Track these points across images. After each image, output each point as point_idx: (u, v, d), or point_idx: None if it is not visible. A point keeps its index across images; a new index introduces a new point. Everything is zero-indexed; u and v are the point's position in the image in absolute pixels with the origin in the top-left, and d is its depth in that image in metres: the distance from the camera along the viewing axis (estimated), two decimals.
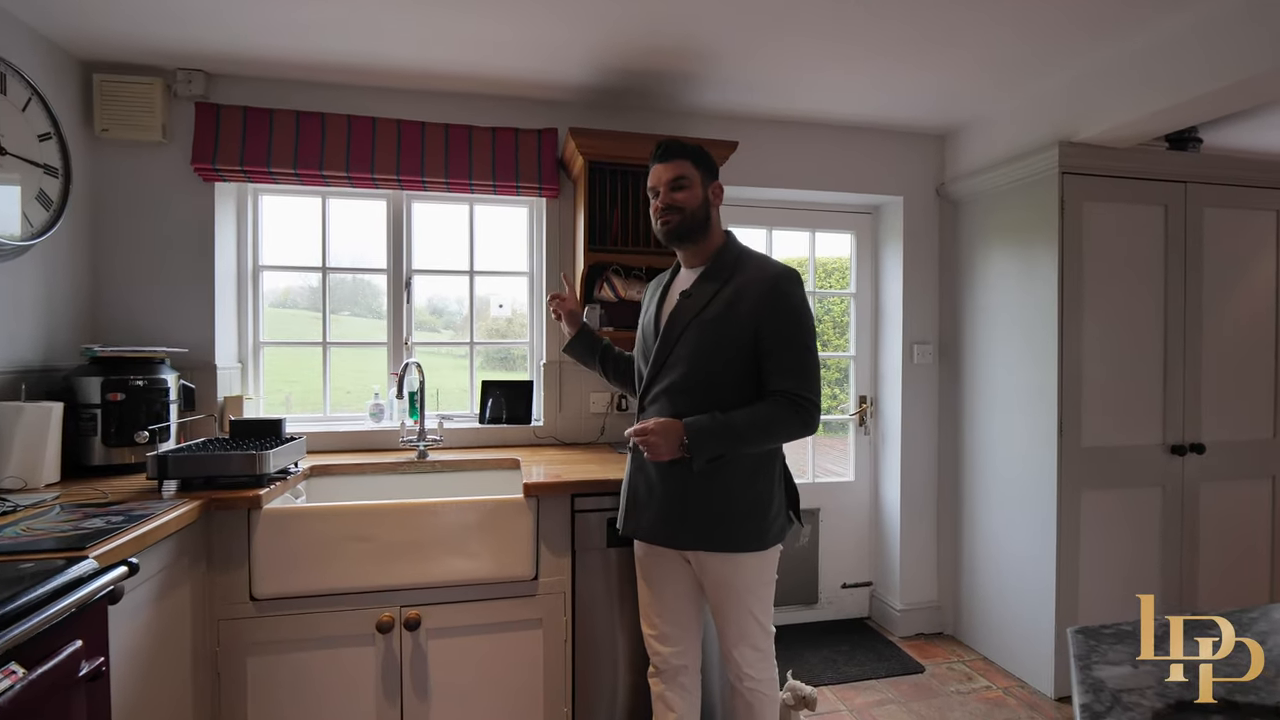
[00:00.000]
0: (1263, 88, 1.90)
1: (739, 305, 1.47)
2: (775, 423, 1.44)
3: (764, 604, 1.57)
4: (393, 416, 2.51)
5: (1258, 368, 2.64)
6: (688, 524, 1.50)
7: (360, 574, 1.73)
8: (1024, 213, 2.54)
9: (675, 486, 1.50)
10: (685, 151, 1.55)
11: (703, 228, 1.56)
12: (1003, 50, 2.15)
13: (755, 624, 1.56)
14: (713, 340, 1.48)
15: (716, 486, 1.48)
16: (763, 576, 1.55)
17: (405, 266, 2.56)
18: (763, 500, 1.50)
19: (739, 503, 1.49)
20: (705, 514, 1.48)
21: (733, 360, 1.48)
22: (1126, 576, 2.48)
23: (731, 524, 1.48)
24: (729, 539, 1.49)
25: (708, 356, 1.48)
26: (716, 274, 1.54)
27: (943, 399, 3.00)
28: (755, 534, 1.50)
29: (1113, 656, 1.00)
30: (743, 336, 1.47)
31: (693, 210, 1.53)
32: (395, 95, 2.40)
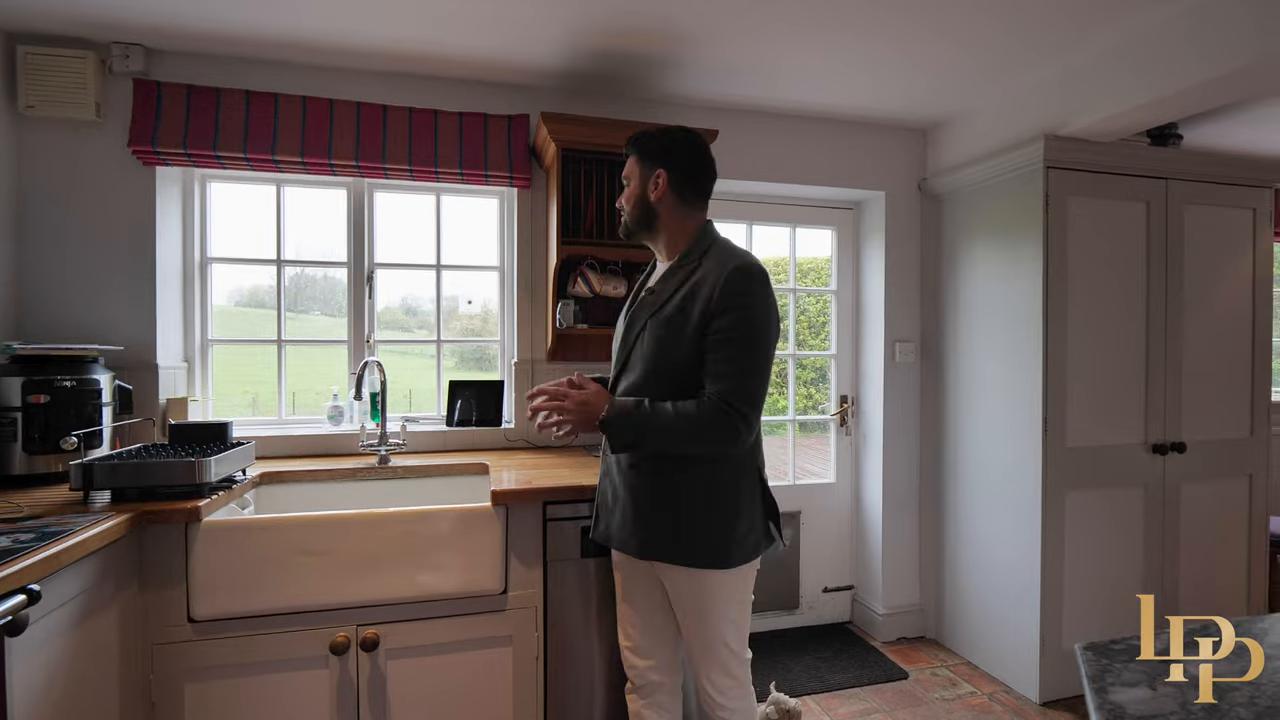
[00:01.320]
0: (1243, 82, 1.87)
1: (693, 301, 1.36)
2: (698, 427, 1.30)
3: (736, 627, 1.44)
4: (353, 419, 2.36)
5: (1235, 367, 2.63)
6: (649, 533, 1.39)
7: (312, 591, 1.58)
8: (1008, 208, 2.50)
9: (638, 492, 1.41)
10: (630, 143, 1.50)
11: (650, 222, 1.47)
12: (988, 42, 2.09)
13: (725, 648, 1.43)
14: (668, 338, 1.37)
15: (681, 494, 1.37)
16: (733, 596, 1.42)
17: (367, 260, 2.41)
18: (730, 513, 1.37)
19: (704, 514, 1.36)
20: (666, 523, 1.38)
21: (686, 360, 1.36)
22: (1110, 578, 2.45)
23: (694, 537, 1.36)
24: (691, 553, 1.37)
25: (663, 355, 1.38)
26: (681, 268, 1.43)
27: (925, 398, 2.95)
28: (719, 550, 1.36)
29: (1128, 677, 0.92)
30: (695, 334, 1.34)
31: (630, 209, 1.49)
32: (354, 76, 2.26)
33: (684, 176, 1.45)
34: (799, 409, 3.08)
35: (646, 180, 1.46)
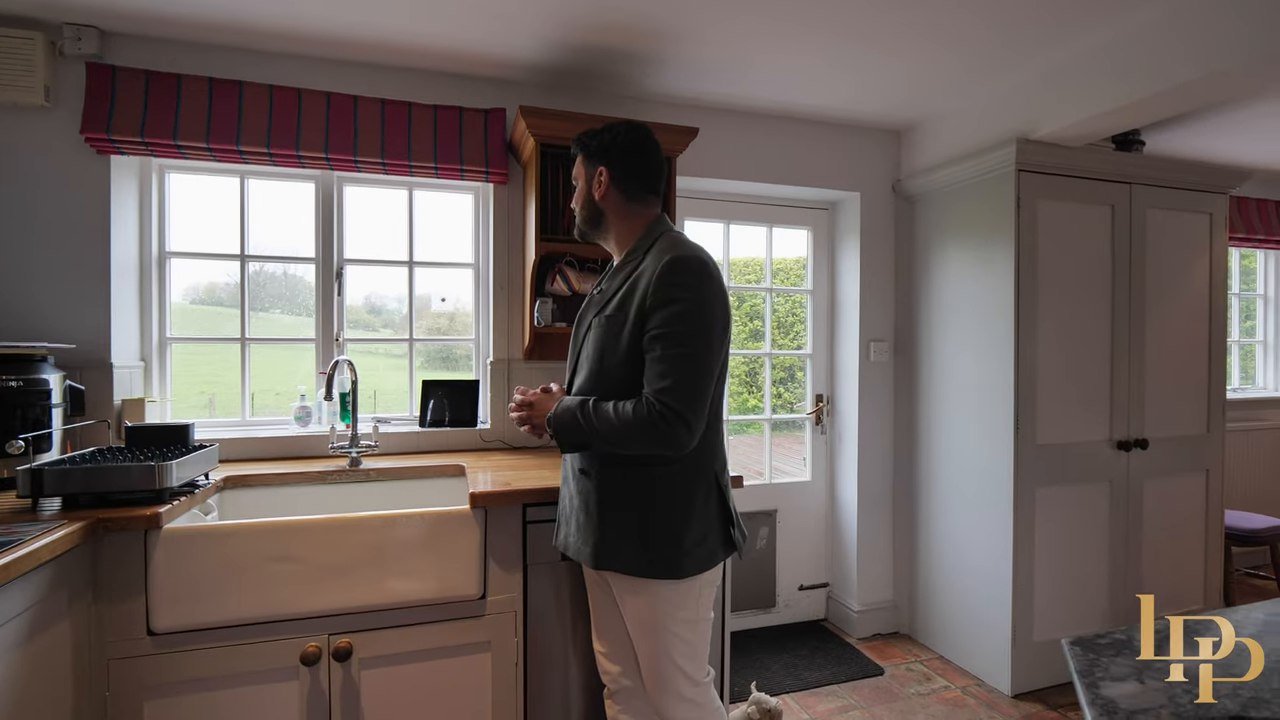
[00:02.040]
0: (1196, 92, 1.94)
1: (631, 297, 1.32)
2: (635, 429, 1.24)
3: (687, 646, 1.36)
4: (321, 420, 2.28)
5: (1193, 366, 2.73)
6: (599, 541, 1.35)
7: (281, 600, 1.52)
8: (980, 210, 2.54)
9: (588, 499, 1.38)
10: (575, 143, 1.48)
11: (598, 222, 1.45)
12: (963, 46, 2.12)
13: (675, 669, 1.36)
14: (609, 337, 1.34)
15: (629, 501, 1.33)
16: (681, 612, 1.34)
17: (336, 255, 2.34)
18: (680, 520, 1.31)
19: (653, 521, 1.31)
20: (615, 531, 1.33)
21: (627, 359, 1.31)
22: (1077, 571, 2.51)
23: (642, 545, 1.31)
24: (637, 562, 1.31)
25: (605, 355, 1.35)
26: (626, 264, 1.41)
27: (898, 397, 2.99)
28: (669, 560, 1.30)
29: (1116, 671, 0.93)
30: (634, 332, 1.30)
31: (579, 211, 1.48)
32: (324, 65, 2.18)
33: (626, 172, 1.42)
34: (773, 408, 3.09)
35: (591, 179, 1.44)
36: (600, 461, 1.36)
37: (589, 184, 1.44)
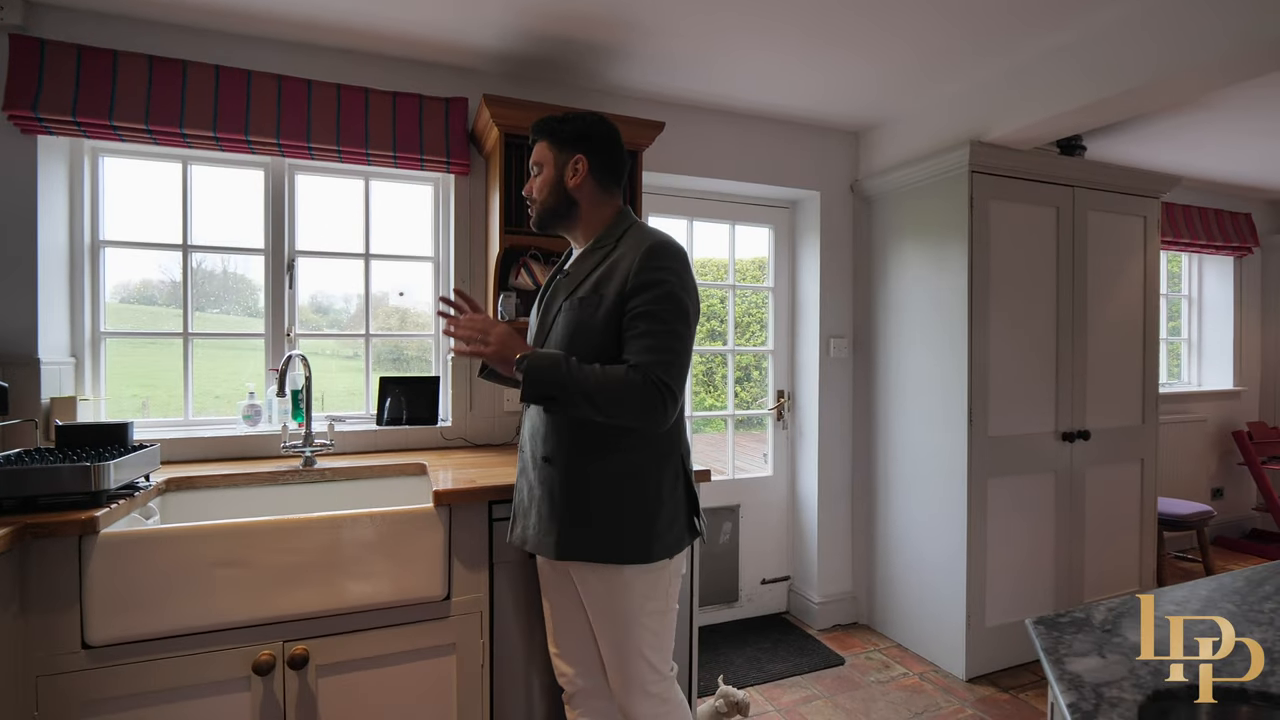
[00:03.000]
0: (1140, 99, 2.04)
1: (609, 280, 1.32)
2: (621, 393, 1.23)
3: (655, 638, 1.36)
4: (272, 419, 2.18)
5: (1129, 361, 2.88)
6: (565, 531, 1.32)
7: (231, 607, 1.44)
8: (935, 210, 2.62)
9: (553, 488, 1.35)
10: (539, 129, 1.43)
11: (568, 211, 1.42)
12: (918, 49, 2.17)
13: (642, 662, 1.35)
14: (584, 320, 1.33)
15: (600, 485, 1.32)
16: (650, 602, 1.35)
17: (287, 247, 2.23)
18: (653, 503, 1.33)
19: (624, 505, 1.31)
20: (583, 519, 1.32)
21: (602, 342, 1.31)
22: (1026, 558, 2.62)
23: (613, 531, 1.31)
24: (608, 548, 1.31)
25: (580, 338, 1.33)
26: (597, 250, 1.40)
27: (857, 392, 3.05)
28: (640, 544, 1.31)
29: (1079, 647, 0.96)
30: (612, 314, 1.30)
31: (545, 197, 1.42)
32: (275, 46, 2.08)
33: (603, 162, 1.42)
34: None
35: (564, 166, 1.40)
36: (567, 448, 1.34)
37: (560, 171, 1.40)
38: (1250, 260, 4.26)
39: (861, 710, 2.27)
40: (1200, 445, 4.05)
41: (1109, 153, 3.20)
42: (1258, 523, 4.24)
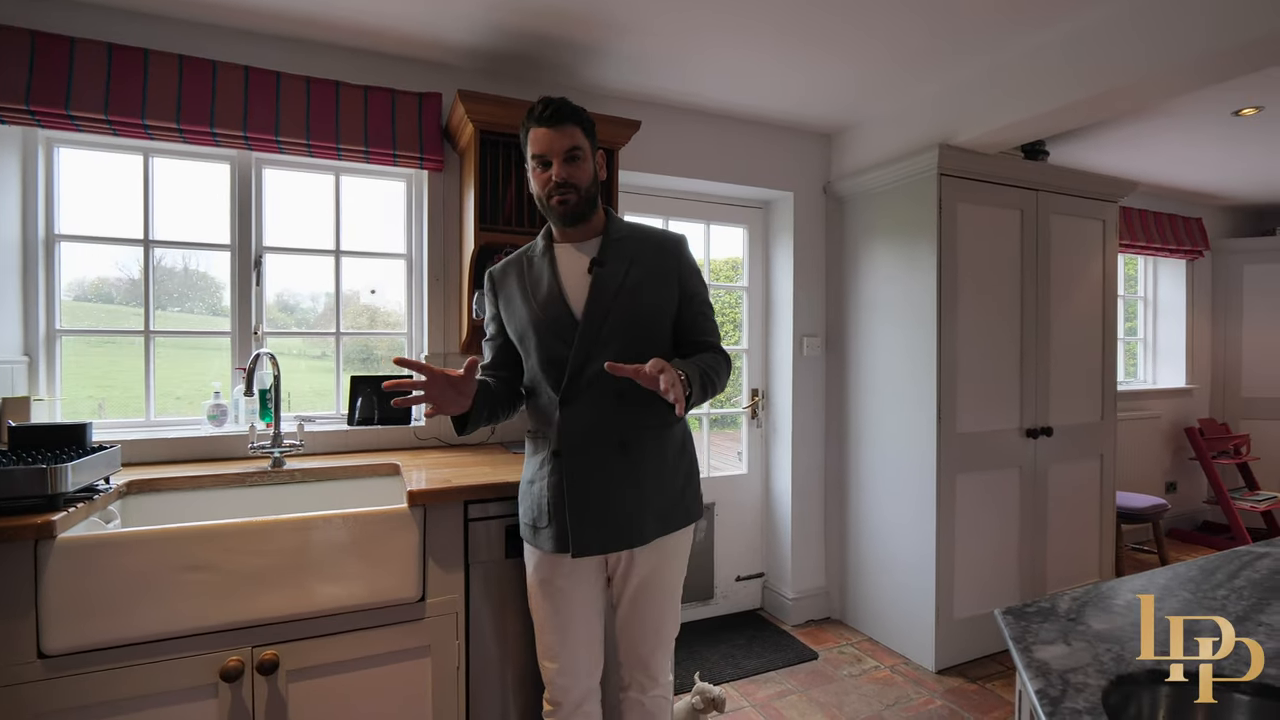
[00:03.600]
0: (1098, 106, 2.11)
1: (658, 270, 1.42)
2: (724, 372, 1.42)
3: (680, 589, 1.52)
4: (239, 419, 2.12)
5: (1089, 359, 2.97)
6: (651, 511, 1.40)
7: (198, 612, 1.40)
8: (905, 212, 2.67)
9: (633, 476, 1.38)
10: (576, 115, 1.37)
11: (595, 205, 1.43)
12: (889, 54, 2.22)
13: (674, 618, 1.51)
14: (646, 308, 1.40)
15: (665, 461, 1.43)
16: (687, 558, 1.52)
17: (255, 243, 2.18)
18: (694, 463, 1.51)
19: (683, 471, 1.47)
20: (663, 493, 1.42)
21: (661, 326, 1.43)
22: (993, 551, 2.69)
23: (683, 495, 1.46)
24: (687, 510, 1.46)
25: (647, 324, 1.40)
26: (618, 241, 1.43)
27: (830, 390, 3.10)
28: (697, 499, 1.50)
29: (1045, 635, 0.99)
30: (671, 299, 1.44)
31: (587, 186, 1.38)
32: (242, 37, 2.03)
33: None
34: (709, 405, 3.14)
35: (596, 157, 1.43)
36: (642, 428, 1.39)
37: (595, 162, 1.42)
38: (1201, 263, 4.43)
39: (835, 704, 2.31)
40: (1155, 441, 4.21)
41: (1070, 158, 3.30)
42: (1208, 515, 4.42)
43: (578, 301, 1.39)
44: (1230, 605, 1.06)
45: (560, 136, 1.35)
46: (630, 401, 1.36)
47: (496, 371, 1.53)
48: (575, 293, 1.40)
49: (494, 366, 1.52)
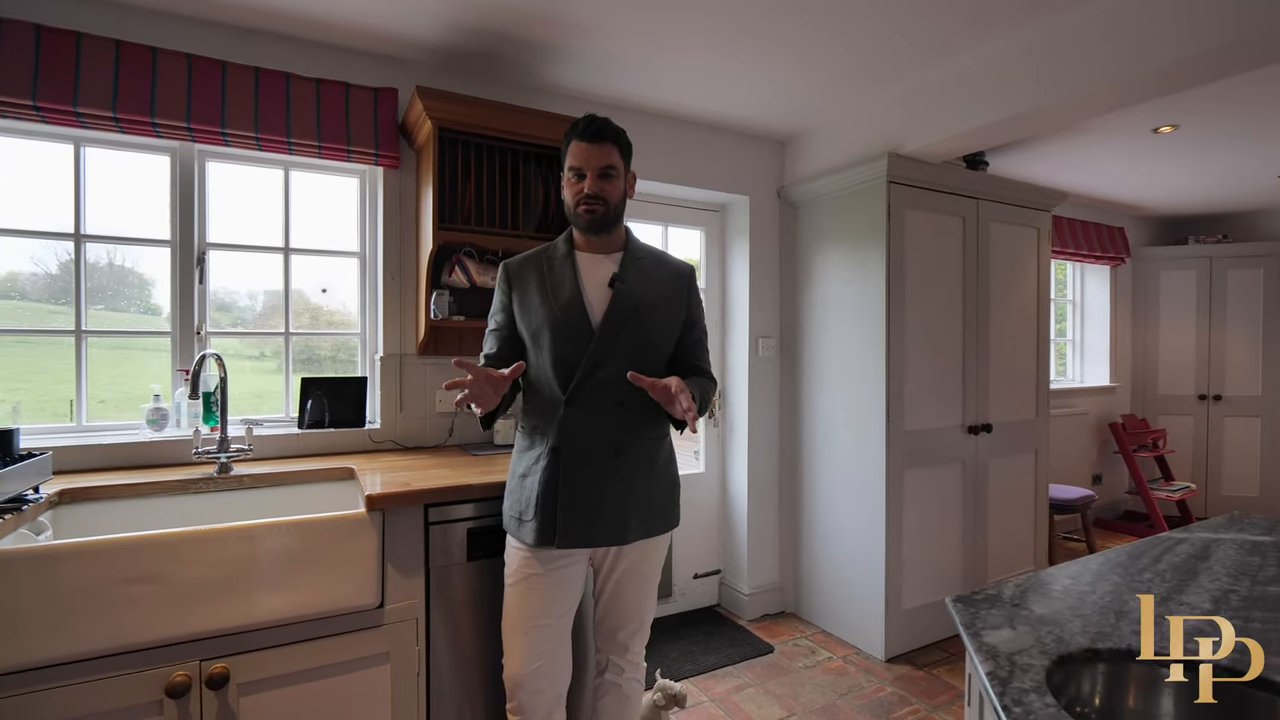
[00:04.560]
0: (1031, 122, 2.24)
1: (675, 292, 1.54)
2: (711, 397, 1.55)
3: (657, 584, 1.62)
4: (180, 423, 2.02)
5: (1024, 360, 3.14)
6: (637, 514, 1.47)
7: (140, 626, 1.33)
8: (855, 217, 2.76)
9: (624, 480, 1.46)
10: (616, 136, 1.47)
11: (620, 220, 1.53)
12: (841, 65, 2.29)
13: (652, 606, 1.61)
14: (658, 327, 1.50)
15: (654, 471, 1.51)
16: (665, 556, 1.62)
17: (198, 239, 2.09)
18: (677, 476, 1.60)
19: (668, 482, 1.55)
20: (649, 500, 1.49)
21: (665, 347, 1.53)
22: (937, 543, 2.81)
23: (666, 504, 1.54)
24: (668, 518, 1.54)
25: (656, 343, 1.50)
26: (638, 260, 1.53)
27: (784, 390, 3.18)
28: (677, 509, 1.58)
29: (992, 620, 1.05)
30: (678, 324, 1.54)
31: (616, 203, 1.48)
32: (184, 24, 1.94)
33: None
34: None
35: (627, 179, 1.51)
36: (635, 439, 1.48)
37: (625, 183, 1.51)
38: (1123, 269, 4.74)
39: (791, 695, 2.37)
40: (1083, 436, 4.48)
41: (1008, 169, 3.48)
42: (1130, 505, 4.74)
43: (596, 310, 1.47)
44: (1155, 586, 1.15)
45: (597, 153, 1.44)
46: (630, 410, 1.46)
47: (499, 363, 1.54)
48: (595, 301, 1.47)
49: (498, 358, 1.54)
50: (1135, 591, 1.13)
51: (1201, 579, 1.19)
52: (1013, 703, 0.78)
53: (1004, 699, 0.79)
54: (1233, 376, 4.54)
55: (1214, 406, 4.57)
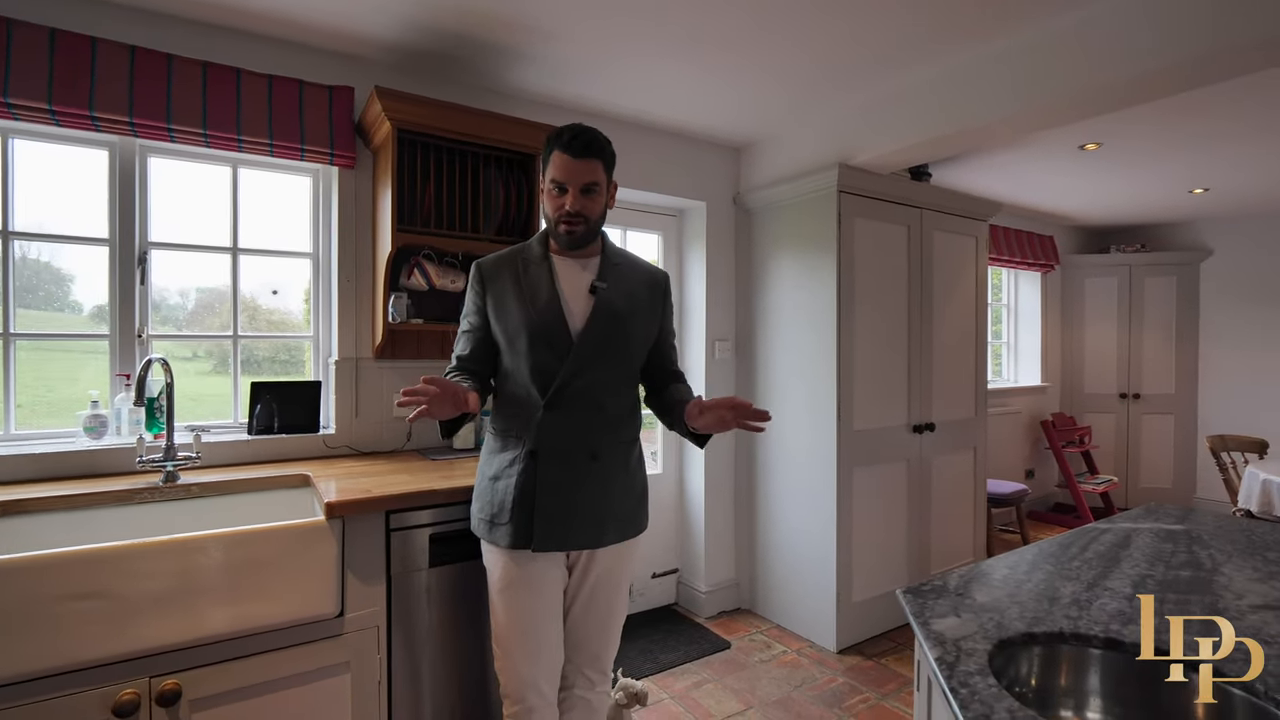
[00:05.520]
0: (981, 136, 2.38)
1: (651, 300, 1.55)
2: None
3: (628, 590, 1.61)
4: (121, 431, 1.94)
5: (964, 362, 3.31)
6: (613, 518, 1.47)
7: (84, 644, 1.28)
8: (808, 224, 2.86)
9: (601, 484, 1.45)
10: (601, 151, 1.43)
11: (599, 232, 1.52)
12: (795, 77, 2.38)
13: (623, 615, 1.58)
14: (636, 334, 1.50)
15: (629, 475, 1.51)
16: (636, 560, 1.61)
17: (139, 238, 2.00)
18: (647, 481, 1.59)
19: (640, 486, 1.55)
20: (624, 504, 1.49)
21: (641, 352, 1.55)
22: (884, 537, 2.93)
23: (639, 507, 1.54)
24: (640, 521, 1.54)
25: (629, 350, 1.50)
26: (616, 266, 1.53)
27: (740, 391, 3.25)
28: (647, 512, 1.58)
29: (939, 610, 1.12)
30: (654, 331, 1.56)
31: (596, 220, 1.46)
32: (125, 14, 1.86)
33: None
34: None
35: (608, 190, 1.49)
36: (611, 442, 1.47)
37: (607, 195, 1.49)
38: (1053, 276, 5.04)
39: (748, 689, 2.44)
40: (1017, 433, 4.74)
41: (949, 180, 3.66)
42: (1059, 498, 5.04)
43: (576, 317, 1.44)
44: (1083, 574, 1.24)
45: (582, 169, 1.40)
46: (607, 414, 1.46)
47: (472, 364, 1.52)
48: (574, 307, 1.45)
49: (471, 359, 1.51)
50: (1066, 578, 1.23)
51: (1123, 565, 1.29)
52: (959, 685, 0.84)
53: (951, 681, 0.85)
54: (1149, 376, 4.89)
55: (1133, 404, 4.91)
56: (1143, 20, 1.82)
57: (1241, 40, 1.64)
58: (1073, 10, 1.93)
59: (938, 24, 2.00)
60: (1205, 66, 1.76)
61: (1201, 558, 1.35)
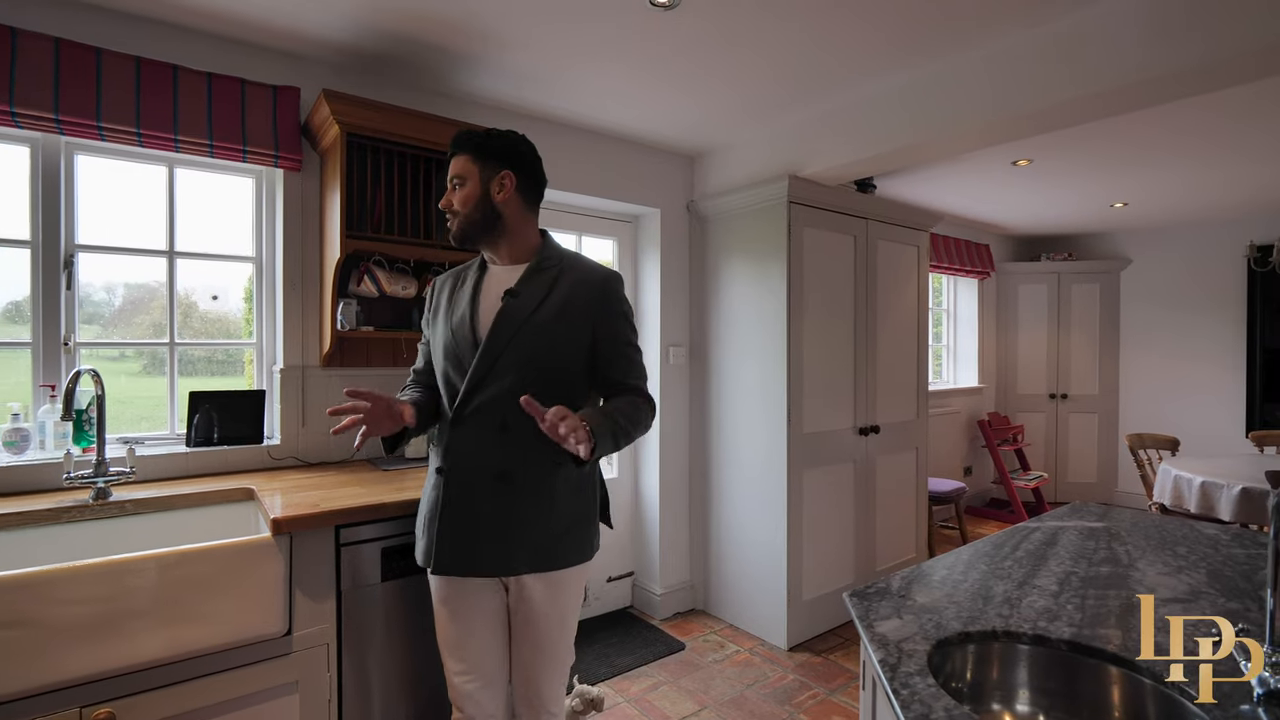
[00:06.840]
0: (922, 152, 2.49)
1: (573, 307, 1.39)
2: (644, 417, 1.40)
3: (575, 624, 1.49)
4: (45, 445, 1.83)
5: (906, 366, 3.45)
6: (524, 546, 1.36)
7: (8, 676, 1.21)
8: (759, 233, 2.93)
9: (508, 507, 1.36)
10: (463, 143, 1.42)
11: (492, 225, 1.42)
12: (747, 89, 2.43)
13: (567, 649, 1.47)
14: (547, 344, 1.37)
15: (552, 500, 1.38)
16: (579, 599, 1.48)
17: (65, 240, 1.89)
18: (590, 508, 1.46)
19: (571, 514, 1.41)
20: (542, 531, 1.37)
21: (568, 365, 1.39)
22: (832, 537, 3.03)
23: (566, 537, 1.40)
24: (566, 553, 1.39)
25: (544, 361, 1.37)
26: (542, 272, 1.42)
27: (694, 396, 3.30)
28: (584, 544, 1.44)
29: (883, 612, 1.18)
30: (580, 339, 1.40)
31: (468, 211, 1.40)
32: (46, 2, 1.75)
33: (529, 181, 1.45)
34: None
35: (489, 181, 1.40)
36: (530, 463, 1.36)
37: (485, 185, 1.40)
38: (989, 282, 5.29)
39: (702, 689, 2.48)
40: (955, 432, 4.96)
41: (893, 191, 3.80)
42: (995, 493, 5.29)
43: (485, 327, 1.39)
44: (1014, 573, 1.32)
45: (452, 165, 1.43)
46: (516, 434, 1.34)
47: (424, 377, 1.52)
48: (486, 318, 1.40)
49: (424, 372, 1.52)
50: (998, 578, 1.30)
51: (1050, 563, 1.38)
52: (901, 686, 0.89)
53: (894, 683, 0.90)
54: (1076, 378, 5.20)
55: (1061, 404, 5.21)
56: (1056, 56, 1.94)
57: (1156, 74, 1.78)
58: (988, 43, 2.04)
59: (893, 41, 2.07)
60: (1125, 95, 1.90)
61: (1120, 554, 1.45)
